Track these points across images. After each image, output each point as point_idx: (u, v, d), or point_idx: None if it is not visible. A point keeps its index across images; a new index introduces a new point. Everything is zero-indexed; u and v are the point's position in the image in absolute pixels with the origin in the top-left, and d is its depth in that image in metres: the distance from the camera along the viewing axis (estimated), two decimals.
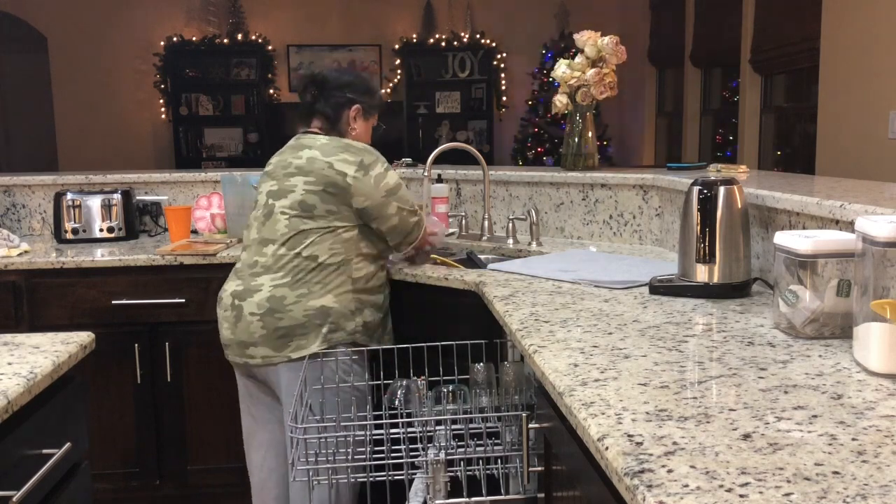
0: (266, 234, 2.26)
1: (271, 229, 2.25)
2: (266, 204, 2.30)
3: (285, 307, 2.17)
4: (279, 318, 2.17)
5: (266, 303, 2.18)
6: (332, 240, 2.23)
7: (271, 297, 2.18)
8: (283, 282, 2.20)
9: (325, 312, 2.19)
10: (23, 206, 3.44)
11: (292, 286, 2.19)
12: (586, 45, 2.87)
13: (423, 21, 8.26)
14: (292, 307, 2.18)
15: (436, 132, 8.28)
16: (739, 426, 1.05)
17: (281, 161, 2.33)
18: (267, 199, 2.30)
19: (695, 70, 6.70)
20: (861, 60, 4.23)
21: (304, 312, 2.18)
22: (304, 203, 2.23)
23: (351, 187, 2.22)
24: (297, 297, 2.18)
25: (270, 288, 2.20)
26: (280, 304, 2.18)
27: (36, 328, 2.78)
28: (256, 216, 2.33)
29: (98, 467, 2.84)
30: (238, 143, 8.21)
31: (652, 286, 1.92)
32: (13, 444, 1.33)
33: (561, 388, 1.23)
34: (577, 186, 2.89)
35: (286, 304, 2.18)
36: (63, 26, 7.88)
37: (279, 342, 2.18)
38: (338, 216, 2.23)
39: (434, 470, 1.65)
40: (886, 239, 1.23)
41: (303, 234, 2.22)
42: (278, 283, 2.20)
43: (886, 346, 1.23)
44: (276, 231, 2.24)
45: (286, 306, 2.17)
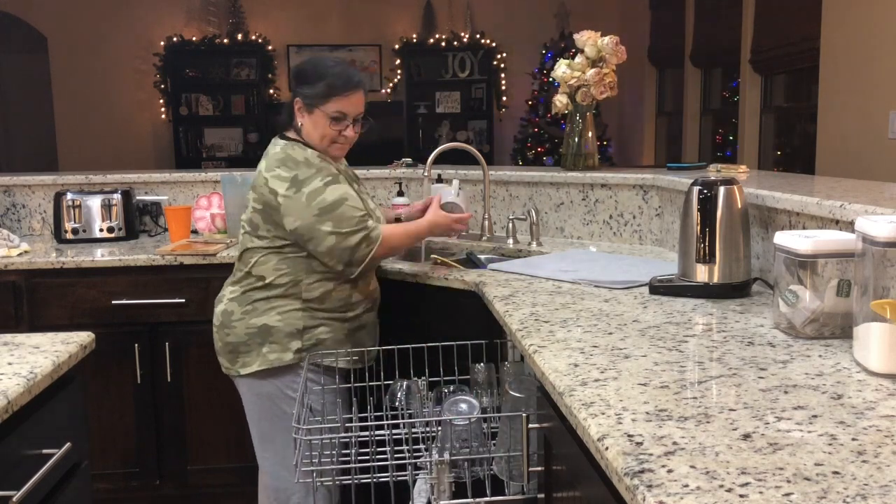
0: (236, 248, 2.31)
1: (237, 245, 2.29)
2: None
3: (231, 323, 2.19)
4: (227, 333, 2.21)
5: (220, 316, 2.23)
6: (276, 259, 2.13)
7: (224, 311, 2.22)
8: (234, 296, 2.21)
9: (266, 331, 2.14)
10: (23, 206, 3.44)
11: (241, 302, 2.19)
12: (586, 45, 2.87)
13: (423, 21, 8.26)
14: (237, 324, 2.18)
15: (436, 132, 8.28)
16: (739, 426, 1.05)
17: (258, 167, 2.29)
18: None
19: (695, 70, 6.70)
20: (861, 60, 4.23)
21: (245, 330, 2.17)
22: (251, 221, 2.18)
23: (281, 206, 2.06)
24: (242, 315, 2.18)
25: (226, 301, 2.22)
26: (228, 319, 2.20)
27: (36, 328, 2.78)
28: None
29: (98, 467, 2.84)
30: (238, 143, 8.21)
31: (652, 286, 1.92)
32: (13, 444, 1.33)
33: (561, 388, 1.23)
34: (577, 186, 2.89)
35: (232, 320, 2.19)
36: (63, 26, 7.88)
37: (230, 356, 2.22)
38: (280, 237, 2.12)
39: (438, 471, 1.65)
40: (886, 239, 1.23)
41: (249, 253, 2.19)
42: (232, 297, 2.22)
43: (886, 346, 1.23)
44: (238, 247, 2.27)
45: (232, 322, 2.19)
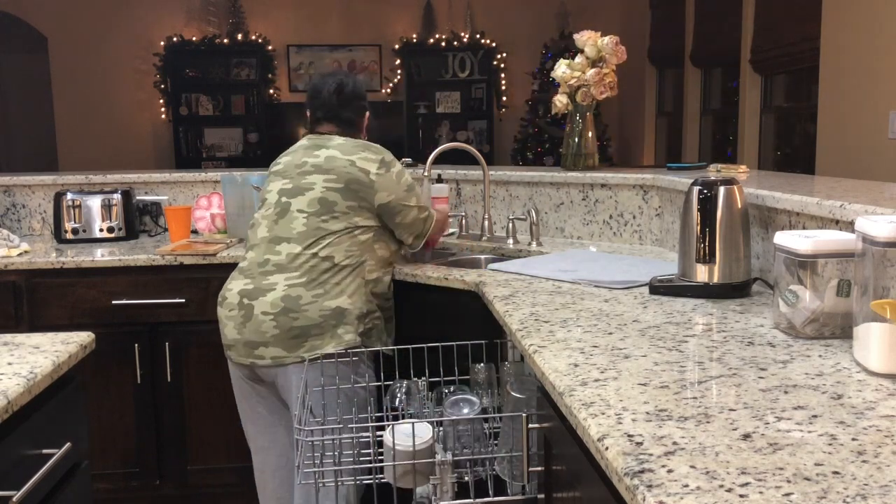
0: (279, 233, 2.24)
1: (286, 227, 2.23)
2: (279, 202, 2.28)
3: (301, 307, 2.15)
4: (294, 317, 2.14)
5: (281, 302, 2.15)
6: (349, 242, 2.24)
7: (286, 297, 2.16)
8: (298, 281, 2.17)
9: (341, 313, 2.18)
10: (23, 206, 3.44)
11: (308, 286, 2.17)
12: (586, 45, 2.87)
13: (423, 21, 8.26)
14: (308, 307, 2.15)
15: (436, 132, 8.28)
16: (739, 426, 1.05)
17: (294, 161, 2.33)
18: (280, 198, 2.28)
19: (695, 70, 6.70)
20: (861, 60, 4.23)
21: (320, 313, 2.16)
22: (325, 200, 2.23)
23: (375, 183, 2.27)
24: (314, 297, 2.16)
25: (285, 287, 2.17)
26: (296, 304, 2.15)
27: (36, 328, 2.78)
28: (266, 215, 2.30)
29: (98, 467, 2.84)
30: (238, 143, 8.21)
31: (652, 286, 1.92)
32: (13, 444, 1.33)
33: (561, 388, 1.23)
34: (577, 186, 2.89)
35: (302, 304, 2.15)
36: (63, 26, 7.88)
37: (292, 342, 2.15)
38: (358, 214, 2.26)
39: (441, 471, 1.65)
40: (886, 239, 1.23)
41: (321, 234, 2.21)
42: (294, 283, 2.17)
43: (886, 346, 1.23)
44: (291, 230, 2.22)
45: (302, 306, 2.15)
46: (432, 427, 1.71)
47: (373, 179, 2.27)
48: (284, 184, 2.30)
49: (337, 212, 2.23)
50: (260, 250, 2.26)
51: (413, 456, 1.65)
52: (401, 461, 1.65)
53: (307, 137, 2.40)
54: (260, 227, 2.30)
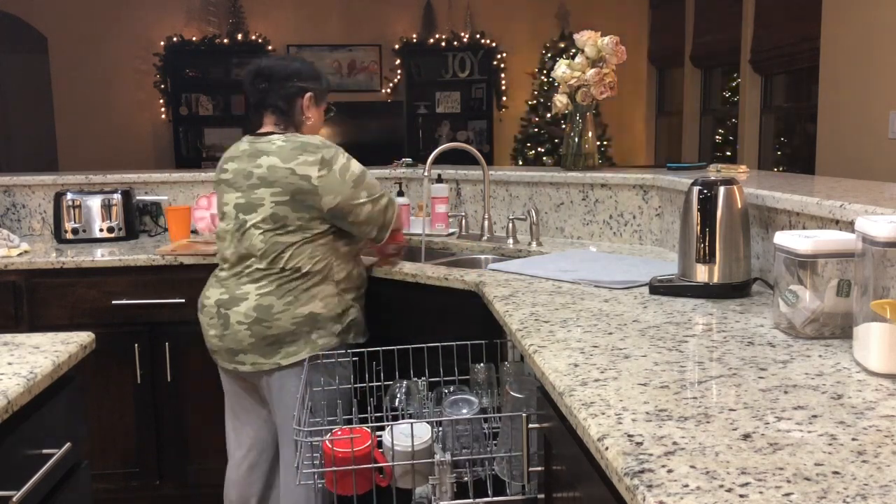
0: (243, 250, 2.23)
1: (248, 244, 2.22)
2: (236, 218, 2.25)
3: (273, 316, 2.18)
4: (267, 326, 2.18)
5: (253, 312, 2.19)
6: (310, 248, 2.21)
7: (258, 307, 2.19)
8: (268, 290, 2.20)
9: (314, 318, 2.21)
10: (23, 206, 3.44)
11: (279, 295, 2.19)
12: (586, 45, 2.87)
13: (423, 21, 8.26)
14: (280, 315, 2.18)
15: (436, 132, 8.28)
16: (739, 426, 1.05)
17: (241, 170, 2.25)
18: (236, 213, 2.24)
19: (695, 70, 6.70)
20: (861, 60, 4.23)
21: (292, 320, 2.19)
22: (276, 216, 2.19)
23: (318, 188, 2.16)
24: (285, 306, 2.19)
25: (257, 297, 2.20)
26: (268, 313, 2.18)
27: (36, 328, 2.78)
28: (228, 230, 2.27)
29: (98, 467, 2.84)
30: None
31: (652, 286, 1.92)
32: (13, 444, 1.33)
33: (561, 388, 1.23)
34: (577, 186, 2.89)
35: (274, 313, 2.18)
36: (63, 26, 7.88)
37: (268, 349, 2.20)
38: (311, 223, 2.20)
39: (440, 471, 1.65)
40: (886, 239, 1.23)
41: (280, 248, 2.19)
42: (264, 292, 2.20)
43: (886, 346, 1.23)
44: (253, 246, 2.21)
45: (274, 315, 2.18)
46: (431, 427, 1.71)
47: (315, 185, 2.16)
48: (238, 198, 2.25)
49: (290, 225, 2.19)
50: (231, 263, 2.27)
51: (412, 456, 1.65)
52: (400, 461, 1.65)
53: (248, 140, 2.30)
54: (225, 241, 2.29)
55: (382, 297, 2.51)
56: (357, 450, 1.63)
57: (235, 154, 2.32)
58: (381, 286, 2.50)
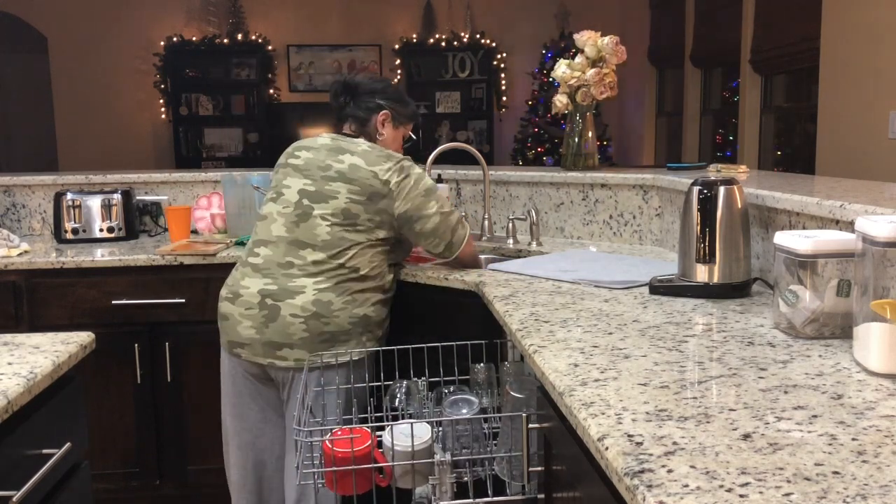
0: (301, 237, 2.21)
1: (309, 233, 2.21)
2: (300, 203, 2.24)
3: (332, 312, 2.16)
4: (325, 322, 2.15)
5: (312, 306, 2.15)
6: (371, 253, 2.24)
7: (317, 301, 2.16)
8: (327, 286, 2.17)
9: (367, 321, 2.22)
10: (23, 206, 3.44)
11: (338, 293, 2.18)
12: (586, 45, 2.87)
13: (423, 21, 8.26)
14: (339, 313, 2.17)
15: (436, 132, 8.28)
16: (739, 426, 1.05)
17: (316, 160, 2.28)
18: (301, 199, 2.25)
19: (695, 70, 6.71)
20: (861, 60, 4.23)
21: (349, 320, 2.18)
22: (348, 212, 2.21)
23: (393, 192, 2.24)
24: (344, 304, 2.18)
25: (315, 292, 2.16)
26: (327, 309, 2.16)
27: (36, 328, 2.78)
28: (285, 213, 2.25)
29: (98, 467, 2.84)
30: (238, 143, 8.21)
31: (652, 286, 1.92)
32: (13, 444, 1.33)
33: (561, 388, 1.23)
34: (577, 186, 2.89)
35: (333, 310, 2.16)
36: (63, 26, 7.88)
37: (320, 346, 2.16)
38: (379, 227, 2.25)
39: (440, 471, 1.65)
40: (886, 239, 1.23)
41: (345, 245, 2.20)
42: (322, 287, 2.17)
43: (886, 346, 1.23)
44: (315, 236, 2.20)
45: (333, 312, 2.16)
46: (431, 427, 1.71)
47: (392, 189, 2.24)
48: (306, 184, 2.26)
49: (360, 224, 2.22)
50: (279, 250, 2.23)
51: (412, 456, 1.65)
52: (400, 461, 1.65)
53: (330, 136, 2.36)
54: (276, 223, 2.26)
55: None
56: (357, 450, 1.63)
57: (312, 145, 2.34)
58: None
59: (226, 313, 2.24)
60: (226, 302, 2.25)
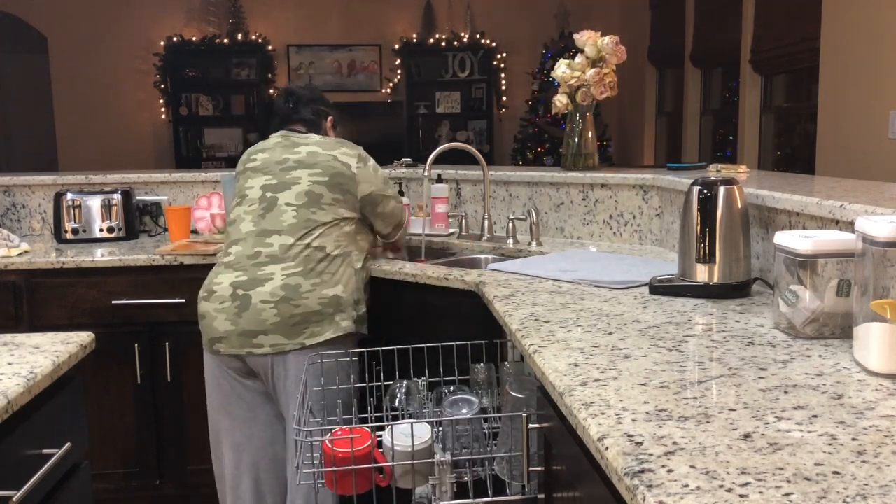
0: (268, 226, 2.29)
1: (274, 220, 2.29)
2: (264, 197, 2.34)
3: (301, 295, 2.21)
4: (295, 305, 2.20)
5: (280, 291, 2.20)
6: (336, 232, 2.32)
7: (285, 286, 2.21)
8: (295, 270, 2.23)
9: (337, 301, 2.26)
10: (23, 206, 3.44)
11: (305, 275, 2.24)
12: (586, 45, 2.87)
13: (423, 21, 8.26)
14: (308, 295, 2.21)
15: (436, 132, 8.28)
16: (739, 426, 1.05)
17: (272, 158, 2.40)
18: (264, 193, 2.35)
19: (695, 70, 6.70)
20: (861, 60, 4.23)
21: (318, 300, 2.22)
22: (312, 193, 2.31)
23: (356, 176, 2.37)
24: (312, 286, 2.23)
25: (283, 276, 2.22)
26: (295, 293, 2.21)
27: (36, 328, 2.78)
28: (250, 210, 2.34)
29: (98, 467, 2.84)
30: (238, 143, 8.21)
31: (652, 286, 1.92)
32: (13, 444, 1.33)
33: (561, 388, 1.23)
34: (577, 186, 2.89)
35: (301, 292, 2.21)
36: (63, 26, 7.88)
37: (293, 329, 2.20)
38: (343, 206, 2.34)
39: (440, 471, 1.65)
40: (886, 239, 1.23)
41: (311, 226, 2.28)
42: (291, 272, 2.23)
43: (886, 346, 1.23)
44: (281, 222, 2.28)
45: (301, 294, 2.21)
46: (431, 427, 1.71)
47: (354, 172, 2.37)
48: (267, 179, 2.37)
49: (324, 204, 2.32)
50: (248, 244, 2.30)
51: (412, 456, 1.65)
52: (400, 461, 1.65)
53: (281, 134, 2.48)
54: (243, 222, 2.34)
55: (382, 297, 2.51)
56: (357, 450, 1.63)
57: (266, 146, 2.47)
58: (381, 286, 2.50)
59: (203, 312, 2.29)
60: (202, 301, 2.31)
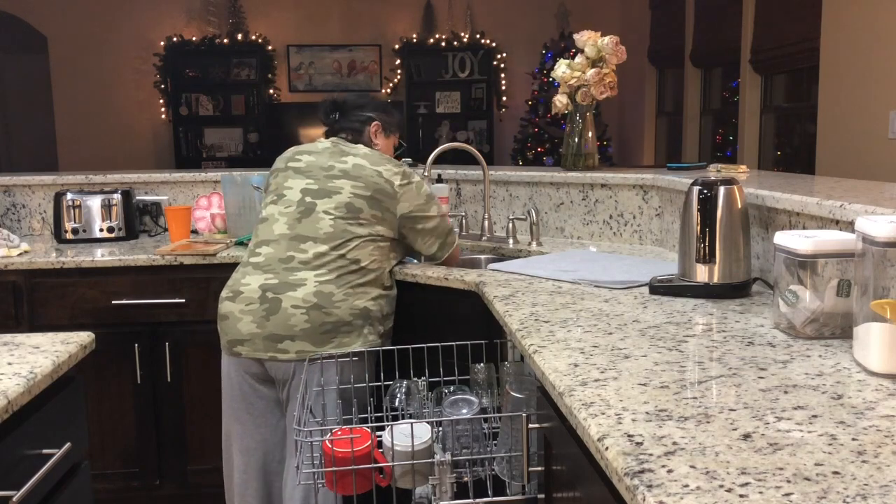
0: (303, 231, 2.26)
1: (311, 227, 2.26)
2: (303, 201, 2.30)
3: (333, 303, 2.18)
4: (326, 313, 2.17)
5: (313, 297, 2.17)
6: (371, 247, 2.29)
7: (318, 293, 2.18)
8: (329, 278, 2.21)
9: (367, 314, 2.23)
10: (23, 206, 3.44)
11: (338, 284, 2.21)
12: (586, 45, 2.87)
13: (423, 21, 8.26)
14: (340, 304, 2.19)
15: (436, 132, 8.28)
16: (739, 426, 1.05)
17: (318, 162, 2.36)
18: (303, 197, 2.31)
19: (695, 70, 6.70)
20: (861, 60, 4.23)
21: (350, 311, 2.20)
22: (352, 206, 2.28)
23: (398, 194, 2.34)
24: (345, 296, 2.20)
25: (316, 283, 2.19)
26: (328, 300, 2.18)
27: (36, 328, 2.78)
28: (287, 212, 2.30)
29: (98, 467, 2.84)
30: (238, 143, 8.21)
31: (652, 286, 1.92)
32: (13, 444, 1.33)
33: (561, 388, 1.23)
34: (577, 186, 2.89)
35: (334, 301, 2.18)
36: (63, 26, 7.88)
37: (322, 337, 2.17)
38: (381, 223, 2.32)
39: (440, 471, 1.65)
40: (886, 239, 1.23)
41: (347, 237, 2.26)
42: (324, 280, 2.20)
43: (886, 346, 1.23)
44: (317, 229, 2.25)
45: (334, 303, 2.18)
46: (431, 427, 1.71)
47: (396, 190, 2.34)
48: (309, 183, 2.32)
49: (362, 218, 2.29)
50: (280, 247, 2.26)
51: (412, 456, 1.65)
52: (400, 461, 1.65)
53: (331, 141, 2.45)
54: (277, 223, 2.29)
55: None
56: (357, 450, 1.63)
57: (313, 150, 2.43)
58: None
59: (225, 312, 2.24)
60: (226, 301, 2.25)
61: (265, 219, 2.34)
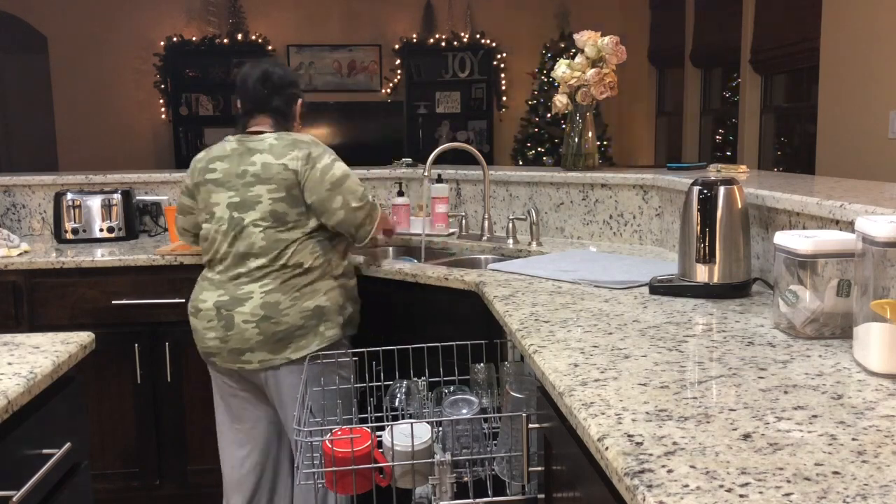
0: (241, 249, 2.24)
1: (247, 244, 2.23)
2: (231, 218, 2.25)
3: (281, 312, 2.20)
4: (275, 323, 2.20)
5: (260, 310, 2.20)
6: (311, 245, 2.27)
7: (265, 304, 2.21)
8: (272, 287, 2.22)
9: (320, 312, 2.25)
10: (23, 206, 3.44)
11: (284, 291, 2.22)
12: (586, 45, 2.87)
13: (423, 21, 8.26)
14: (288, 311, 2.21)
15: (436, 132, 8.28)
16: (739, 426, 1.05)
17: (231, 169, 2.27)
18: (231, 213, 2.25)
19: (695, 70, 6.70)
20: (861, 60, 4.23)
21: (301, 315, 2.22)
22: (275, 213, 2.23)
23: (301, 183, 2.23)
24: (292, 301, 2.22)
25: (262, 294, 2.21)
26: (275, 310, 2.20)
27: (36, 328, 2.78)
28: (221, 230, 2.26)
29: (98, 467, 2.84)
30: None
31: (652, 286, 1.92)
32: (13, 444, 1.33)
33: (561, 388, 1.23)
34: (577, 186, 2.89)
35: (282, 309, 2.21)
36: (63, 26, 7.88)
37: (277, 345, 2.21)
38: (309, 217, 2.25)
39: (440, 471, 1.65)
40: (886, 239, 1.23)
41: (282, 245, 2.23)
42: (269, 289, 2.22)
43: (886, 346, 1.23)
44: (252, 244, 2.23)
45: (282, 311, 2.21)
46: (431, 427, 1.71)
47: (300, 180, 2.23)
48: (231, 196, 2.26)
49: (290, 222, 2.24)
50: (227, 265, 2.27)
51: (412, 456, 1.65)
52: (400, 461, 1.65)
53: (236, 139, 2.33)
54: (216, 242, 2.28)
55: (382, 296, 2.51)
56: (357, 450, 1.63)
57: (223, 154, 2.31)
58: (381, 286, 2.50)
59: (193, 326, 2.32)
60: (191, 317, 2.33)
61: (205, 238, 2.32)
